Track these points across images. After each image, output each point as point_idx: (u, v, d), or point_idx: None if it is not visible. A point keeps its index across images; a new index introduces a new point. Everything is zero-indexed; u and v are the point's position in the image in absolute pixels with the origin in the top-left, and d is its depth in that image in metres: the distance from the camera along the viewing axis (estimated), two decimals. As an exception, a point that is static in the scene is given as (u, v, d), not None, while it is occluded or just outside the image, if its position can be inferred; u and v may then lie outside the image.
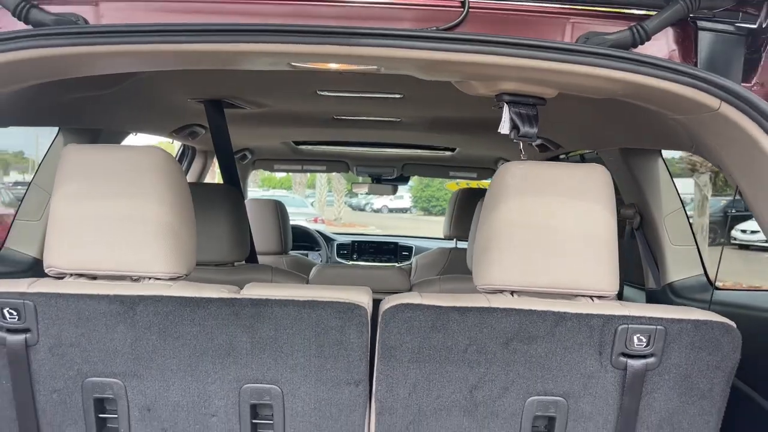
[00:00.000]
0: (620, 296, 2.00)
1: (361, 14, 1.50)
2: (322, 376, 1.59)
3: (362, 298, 1.58)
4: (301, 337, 1.57)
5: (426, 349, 1.56)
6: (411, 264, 4.50)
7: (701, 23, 1.49)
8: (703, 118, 1.49)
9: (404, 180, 5.45)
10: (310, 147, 4.70)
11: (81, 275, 1.62)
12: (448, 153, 4.65)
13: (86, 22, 1.47)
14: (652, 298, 2.63)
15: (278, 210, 4.24)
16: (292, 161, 5.14)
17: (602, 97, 1.58)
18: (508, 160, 4.36)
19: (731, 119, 1.42)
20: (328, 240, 6.10)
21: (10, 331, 1.54)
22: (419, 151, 4.73)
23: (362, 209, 30.64)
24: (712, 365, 1.54)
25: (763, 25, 1.45)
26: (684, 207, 2.67)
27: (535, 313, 1.53)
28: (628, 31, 1.42)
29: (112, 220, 1.60)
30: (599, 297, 1.60)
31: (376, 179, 5.33)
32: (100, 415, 1.63)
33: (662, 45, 1.51)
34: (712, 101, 1.40)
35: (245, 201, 4.47)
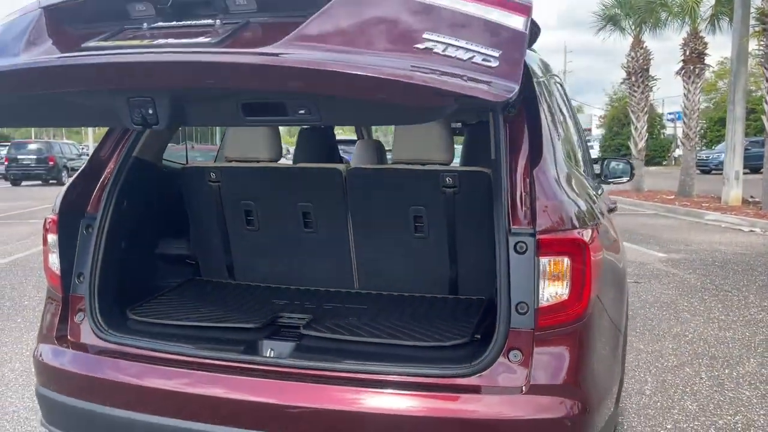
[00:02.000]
0: None
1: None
2: (327, 198, 3.89)
3: (339, 167, 3.83)
4: (320, 182, 3.86)
5: (368, 185, 3.77)
6: None
7: None
8: None
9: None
10: None
11: (239, 160, 4.05)
12: None
13: None
14: None
15: (377, 148, 6.58)
16: None
17: None
18: None
19: None
20: None
21: (212, 182, 3.99)
22: None
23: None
24: (479, 189, 3.62)
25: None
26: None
27: (405, 169, 3.71)
28: None
29: (250, 134, 3.99)
30: (441, 164, 3.73)
31: None
32: (247, 218, 4.05)
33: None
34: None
35: (358, 142, 6.81)
